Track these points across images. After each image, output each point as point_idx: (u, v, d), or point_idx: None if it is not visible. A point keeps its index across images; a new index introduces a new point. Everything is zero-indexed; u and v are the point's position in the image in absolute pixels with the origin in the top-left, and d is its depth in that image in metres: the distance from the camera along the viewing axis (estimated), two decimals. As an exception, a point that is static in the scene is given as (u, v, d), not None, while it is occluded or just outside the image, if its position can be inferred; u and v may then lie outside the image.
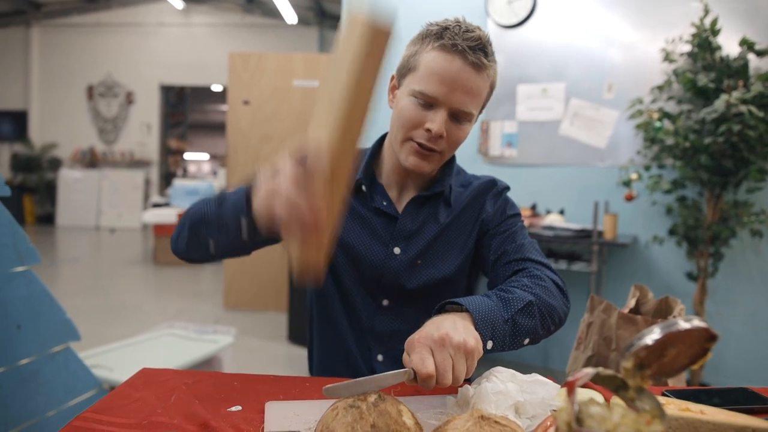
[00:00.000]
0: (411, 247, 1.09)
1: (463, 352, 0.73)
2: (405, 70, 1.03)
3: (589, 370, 0.48)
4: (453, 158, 1.16)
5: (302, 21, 9.48)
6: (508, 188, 1.19)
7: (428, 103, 0.98)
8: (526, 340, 0.90)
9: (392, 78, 1.09)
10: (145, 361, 2.14)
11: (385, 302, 1.10)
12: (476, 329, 0.80)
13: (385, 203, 1.10)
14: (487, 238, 1.11)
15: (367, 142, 1.18)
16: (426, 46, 0.99)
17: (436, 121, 0.97)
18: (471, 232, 1.12)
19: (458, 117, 1.00)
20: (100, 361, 2.07)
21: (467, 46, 0.95)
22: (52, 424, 1.56)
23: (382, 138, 1.16)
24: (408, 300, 1.10)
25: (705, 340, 0.50)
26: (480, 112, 1.06)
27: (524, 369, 0.79)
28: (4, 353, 1.48)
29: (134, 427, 0.71)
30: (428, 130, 0.98)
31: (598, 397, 0.72)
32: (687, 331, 0.48)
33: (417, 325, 0.79)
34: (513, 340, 0.88)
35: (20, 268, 1.56)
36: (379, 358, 1.11)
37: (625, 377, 0.50)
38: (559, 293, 0.99)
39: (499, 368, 0.77)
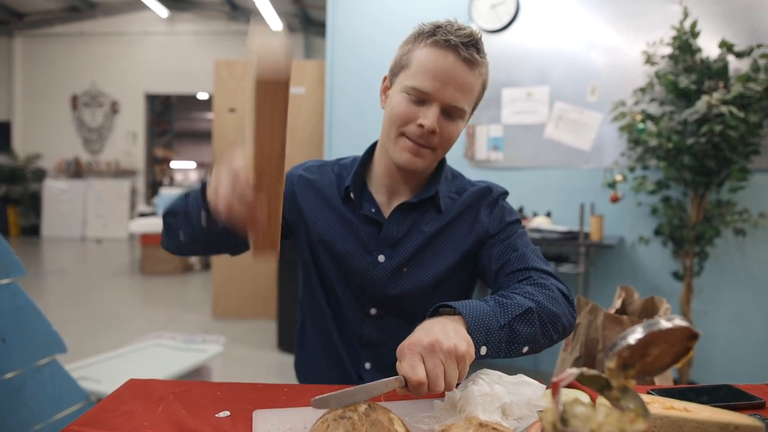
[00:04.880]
0: (396, 255, 1.08)
1: (454, 358, 0.72)
2: (397, 68, 1.03)
3: (574, 371, 0.48)
4: (443, 163, 1.14)
5: (287, 28, 9.48)
6: (505, 194, 1.16)
7: (421, 99, 0.98)
8: (525, 348, 0.88)
9: (384, 78, 1.09)
10: (134, 372, 2.12)
11: (373, 311, 1.09)
12: (469, 333, 0.79)
13: (373, 210, 1.09)
14: (486, 247, 1.09)
15: (359, 150, 1.18)
16: (419, 44, 0.99)
17: (429, 116, 0.97)
18: (463, 241, 1.10)
19: (450, 113, 0.99)
20: (87, 373, 2.04)
21: (460, 42, 0.95)
22: (38, 438, 1.54)
23: (373, 146, 1.15)
24: (395, 309, 1.09)
25: (687, 338, 0.51)
26: (472, 111, 1.06)
27: (515, 371, 0.79)
28: (-11, 367, 1.46)
29: (121, 439, 0.70)
30: (421, 126, 0.98)
31: (584, 397, 0.72)
32: (669, 330, 0.49)
33: (405, 335, 0.78)
34: (510, 347, 0.86)
35: (5, 281, 1.54)
36: (367, 366, 1.10)
37: (609, 377, 0.50)
38: (565, 302, 0.97)
39: (486, 370, 0.77)
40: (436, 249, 1.09)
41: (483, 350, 0.82)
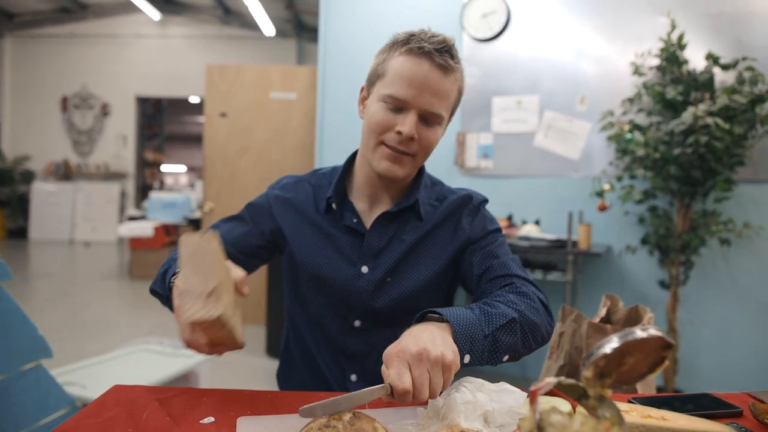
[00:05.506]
0: (379, 266, 1.08)
1: (441, 367, 0.73)
2: (374, 78, 1.05)
3: (551, 380, 0.49)
4: (422, 171, 1.15)
5: (280, 33, 9.49)
6: (485, 201, 1.18)
7: (398, 107, 0.99)
8: (505, 357, 0.90)
9: (362, 89, 1.10)
10: (120, 377, 2.11)
11: (357, 323, 1.09)
12: (455, 342, 0.80)
13: (354, 220, 1.10)
14: (468, 254, 1.10)
15: (339, 159, 1.19)
16: (393, 53, 1.01)
17: (407, 123, 0.98)
18: (445, 248, 1.11)
19: (428, 119, 1.01)
20: (73, 378, 2.03)
21: (434, 48, 0.97)
22: (22, 443, 1.52)
23: (354, 155, 1.16)
24: (380, 319, 1.09)
25: (662, 348, 0.52)
26: (450, 117, 1.07)
27: (503, 377, 0.80)
28: (-27, 372, 1.45)
29: (105, 445, 0.70)
30: (399, 133, 0.99)
31: (564, 405, 0.73)
32: (644, 340, 0.50)
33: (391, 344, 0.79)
34: (491, 356, 0.88)
35: (-10, 285, 1.54)
36: (353, 378, 1.10)
37: (586, 386, 0.51)
38: (545, 312, 0.99)
39: (469, 378, 0.78)
40: (418, 257, 1.10)
41: (467, 359, 0.83)
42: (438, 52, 0.97)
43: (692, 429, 0.65)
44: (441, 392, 0.74)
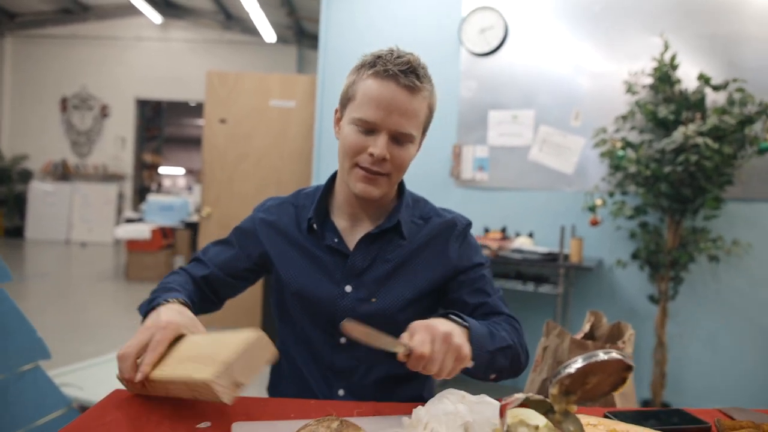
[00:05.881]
0: (362, 285, 1.11)
1: (456, 354, 0.82)
2: (345, 100, 1.08)
3: (520, 396, 0.54)
4: (403, 190, 1.18)
5: (281, 40, 9.56)
6: (469, 225, 1.20)
7: (368, 129, 1.02)
8: (493, 376, 0.99)
9: (336, 111, 1.13)
10: (116, 379, 2.14)
11: (343, 340, 1.11)
12: None
13: (336, 240, 1.12)
14: (456, 283, 1.14)
15: (321, 179, 1.23)
16: (362, 75, 1.04)
17: (378, 145, 1.01)
18: (430, 270, 1.13)
19: (399, 139, 1.04)
20: (70, 379, 2.06)
21: (399, 70, 1.00)
22: (19, 443, 1.56)
23: (335, 174, 1.18)
24: None
25: (623, 369, 0.57)
26: (423, 134, 1.11)
27: (495, 388, 0.85)
28: (-26, 372, 1.48)
29: (106, 447, 0.74)
30: (371, 154, 1.02)
31: (535, 418, 0.78)
32: (605, 362, 0.55)
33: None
34: (486, 370, 0.96)
35: (-9, 287, 1.57)
36: (341, 393, 1.13)
37: (553, 402, 0.56)
38: (524, 352, 1.07)
39: (451, 390, 0.82)
40: (402, 276, 1.12)
41: (470, 364, 0.90)
42: (403, 74, 1.00)
43: (656, 443, 0.69)
44: (422, 398, 0.81)
